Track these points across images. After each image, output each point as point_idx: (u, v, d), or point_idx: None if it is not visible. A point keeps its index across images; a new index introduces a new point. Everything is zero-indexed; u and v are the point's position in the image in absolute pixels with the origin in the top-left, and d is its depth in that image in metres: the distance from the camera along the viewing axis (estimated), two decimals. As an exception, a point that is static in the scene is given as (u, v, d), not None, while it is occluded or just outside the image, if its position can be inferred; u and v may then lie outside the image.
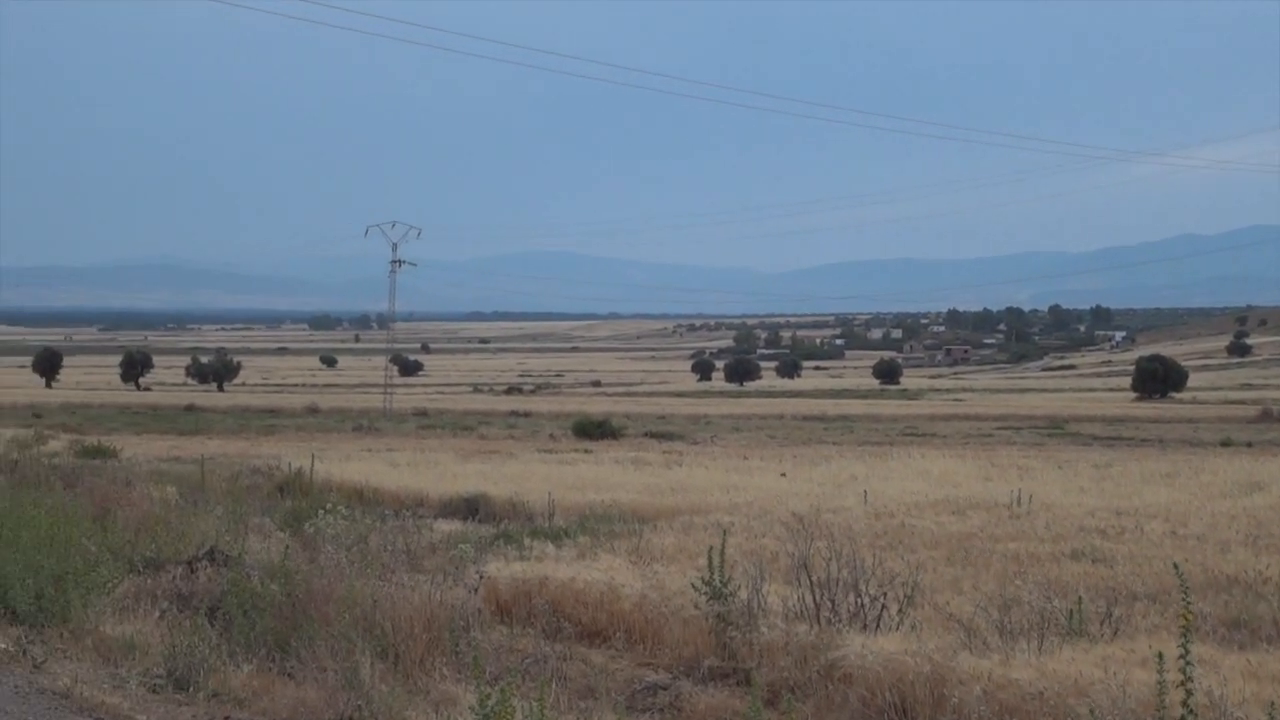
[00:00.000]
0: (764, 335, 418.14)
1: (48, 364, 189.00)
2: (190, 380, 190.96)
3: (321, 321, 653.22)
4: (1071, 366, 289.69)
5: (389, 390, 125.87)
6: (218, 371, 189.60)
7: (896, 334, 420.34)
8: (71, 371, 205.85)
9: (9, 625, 14.59)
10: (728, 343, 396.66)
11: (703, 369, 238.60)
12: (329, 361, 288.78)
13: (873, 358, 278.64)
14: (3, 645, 13.55)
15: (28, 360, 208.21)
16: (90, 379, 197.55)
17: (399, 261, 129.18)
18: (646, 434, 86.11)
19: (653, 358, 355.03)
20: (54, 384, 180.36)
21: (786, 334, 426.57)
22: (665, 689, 15.06)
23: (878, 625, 16.46)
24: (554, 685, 13.11)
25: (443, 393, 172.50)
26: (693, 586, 17.09)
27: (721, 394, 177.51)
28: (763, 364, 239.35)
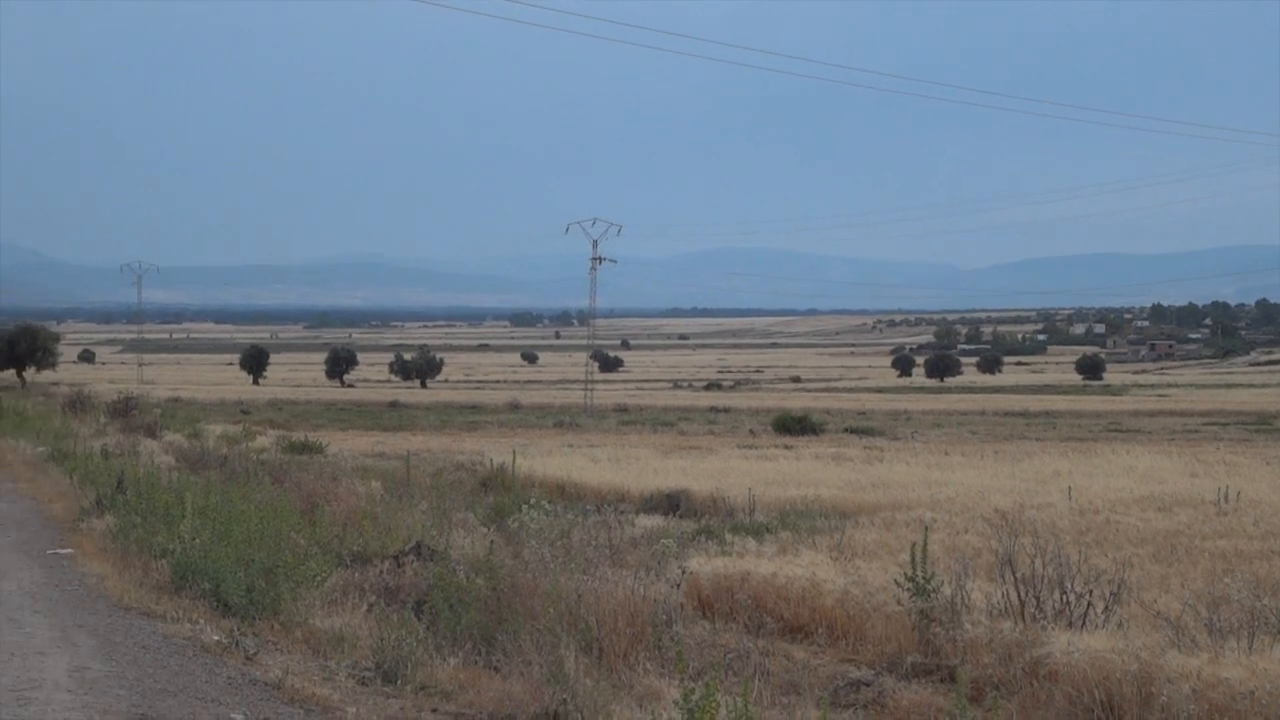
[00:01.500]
0: (964, 331, 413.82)
1: (255, 361, 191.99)
2: (394, 377, 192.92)
3: (523, 318, 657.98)
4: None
5: (590, 386, 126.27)
6: (421, 368, 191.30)
7: (1099, 329, 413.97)
8: (278, 368, 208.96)
9: (221, 618, 14.87)
10: (928, 338, 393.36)
11: (903, 365, 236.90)
12: (530, 358, 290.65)
13: (1075, 353, 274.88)
14: (216, 637, 13.81)
15: (236, 358, 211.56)
16: (296, 376, 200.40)
17: (600, 258, 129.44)
18: (847, 430, 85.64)
19: (852, 353, 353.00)
20: (261, 381, 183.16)
21: (987, 329, 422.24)
22: (868, 685, 15.01)
23: (1083, 623, 16.28)
24: (757, 680, 13.12)
25: (642, 389, 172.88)
26: (895, 583, 17.02)
27: (922, 390, 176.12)
28: (963, 359, 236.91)
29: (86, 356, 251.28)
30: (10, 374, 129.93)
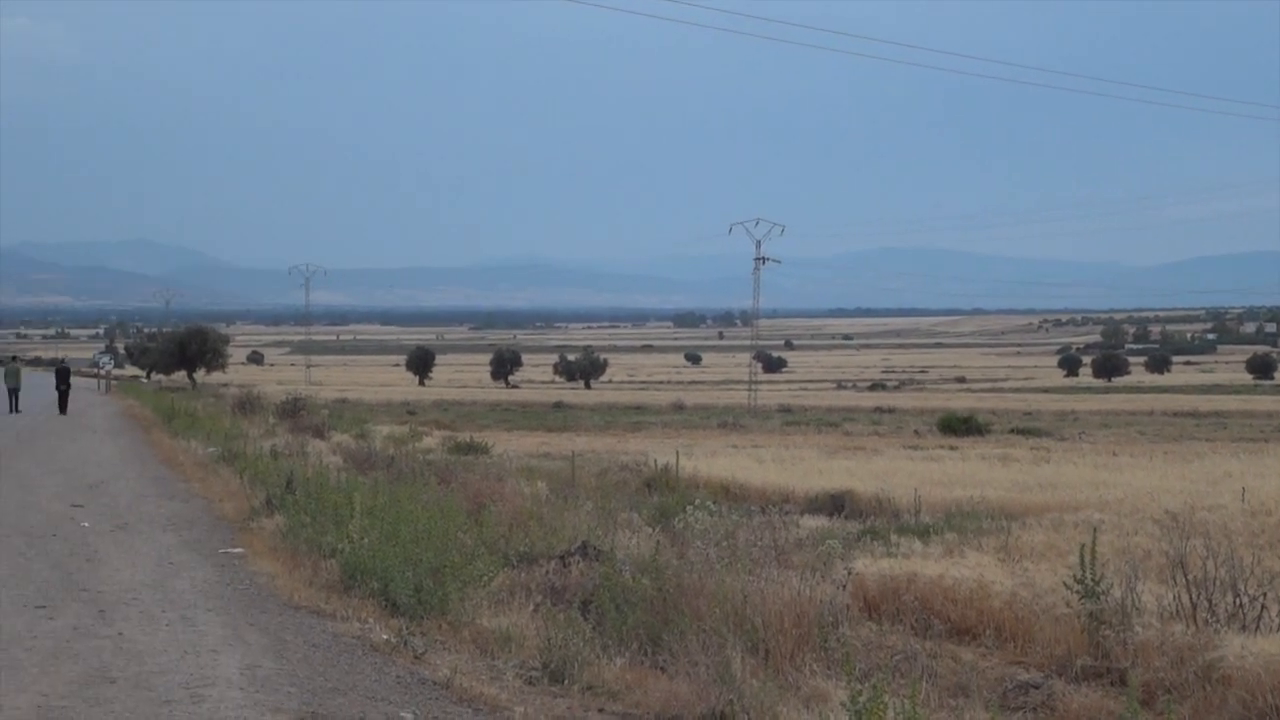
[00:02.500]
0: (1132, 330, 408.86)
1: (421, 362, 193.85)
2: (558, 377, 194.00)
3: (686, 319, 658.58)
4: None
5: (753, 387, 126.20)
6: (585, 369, 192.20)
7: (1270, 328, 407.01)
8: (443, 370, 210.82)
9: (390, 617, 14.99)
10: (1094, 338, 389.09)
11: (1070, 364, 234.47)
12: (693, 358, 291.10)
13: (1245, 352, 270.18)
14: (385, 636, 13.93)
15: (402, 359, 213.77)
16: (461, 377, 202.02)
17: (763, 259, 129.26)
18: (1013, 430, 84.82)
19: (1018, 353, 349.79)
20: (427, 382, 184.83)
21: (1155, 329, 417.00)
22: (1037, 688, 14.87)
23: (1257, 626, 16.04)
24: (924, 682, 13.03)
25: (806, 389, 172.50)
26: (1064, 584, 16.85)
27: (1089, 390, 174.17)
28: (1131, 359, 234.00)
29: (255, 358, 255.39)
30: (181, 375, 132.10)
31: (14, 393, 62.77)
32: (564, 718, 11.41)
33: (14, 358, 78.03)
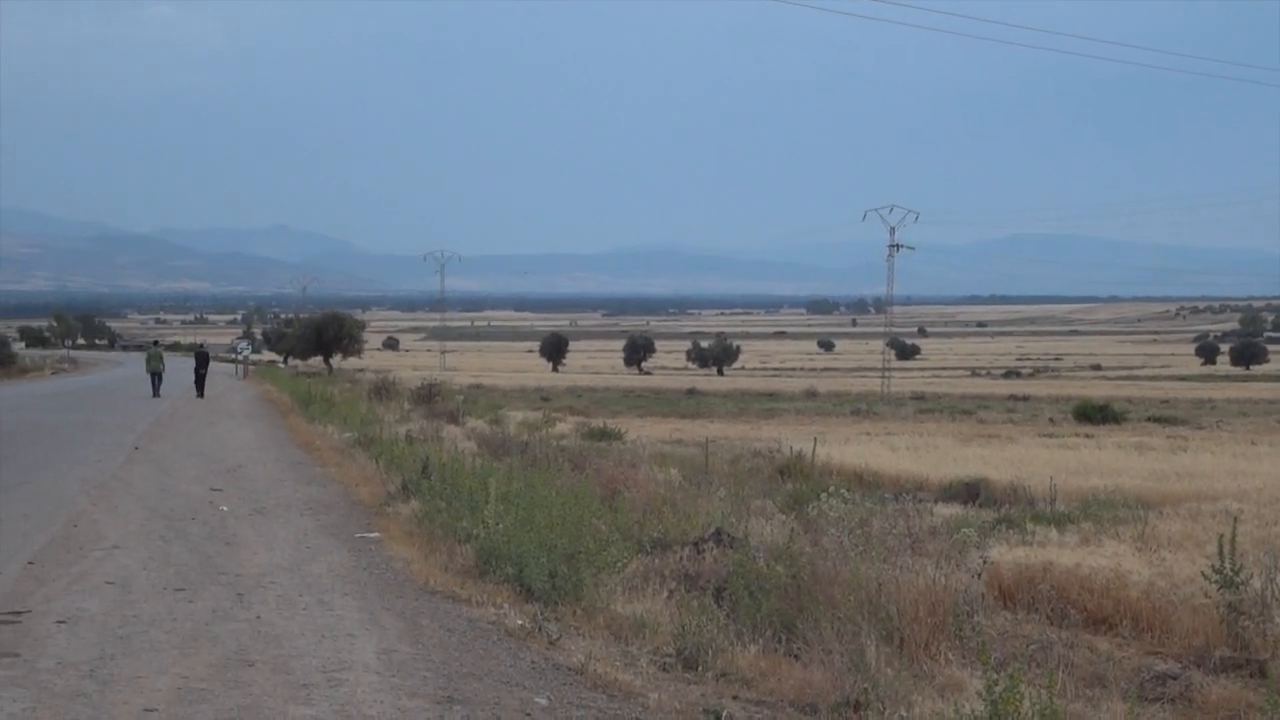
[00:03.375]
0: (1271, 318, 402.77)
1: (554, 348, 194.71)
2: (691, 364, 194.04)
3: (819, 305, 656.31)
4: None
5: (887, 374, 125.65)
6: (717, 355, 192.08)
7: None
8: (577, 355, 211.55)
9: (524, 602, 15.04)
10: (1233, 325, 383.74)
11: (1207, 352, 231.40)
12: (826, 345, 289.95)
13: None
14: (520, 622, 13.99)
15: (535, 345, 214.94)
16: (594, 363, 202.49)
17: (897, 245, 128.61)
18: (1149, 418, 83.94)
19: (1154, 341, 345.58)
20: (560, 368, 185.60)
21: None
22: (1175, 678, 14.70)
23: (1403, 620, 15.78)
24: (1061, 672, 12.92)
25: (940, 376, 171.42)
26: (1202, 575, 16.65)
27: (1227, 378, 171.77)
28: (1270, 347, 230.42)
29: (391, 344, 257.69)
30: (317, 360, 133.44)
31: (156, 376, 63.78)
32: (698, 705, 11.38)
33: (156, 343, 79.13)
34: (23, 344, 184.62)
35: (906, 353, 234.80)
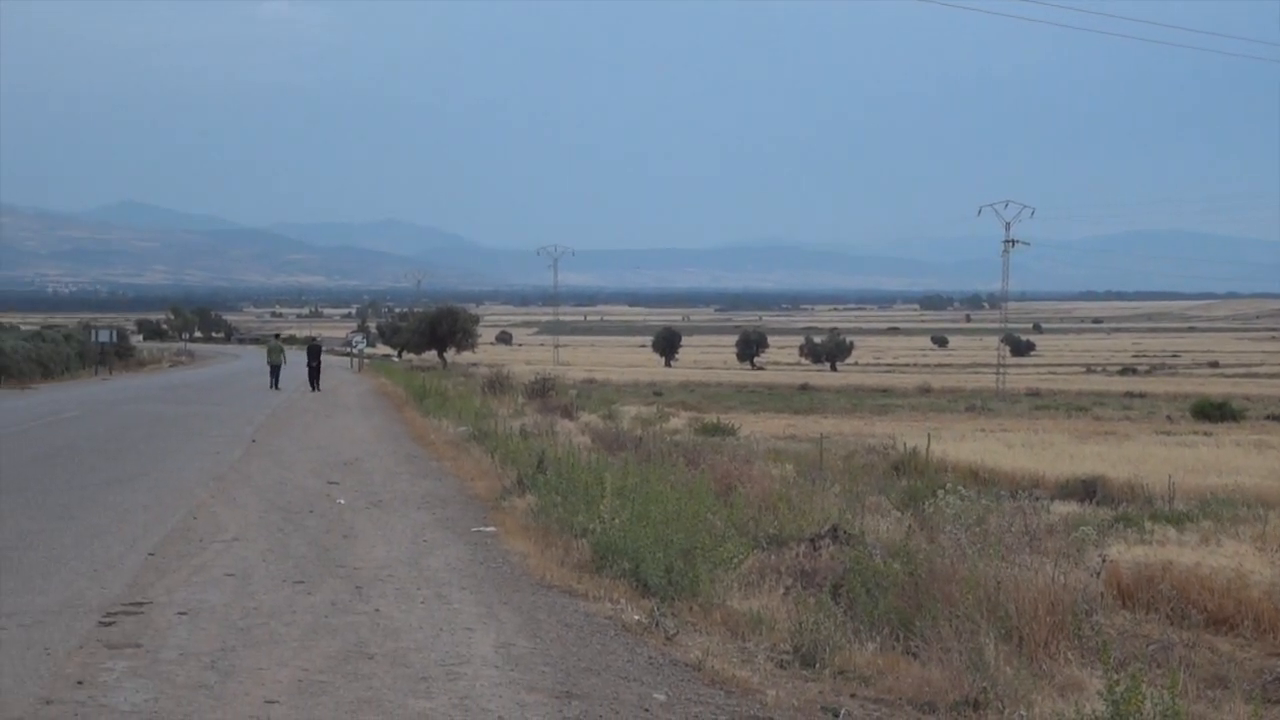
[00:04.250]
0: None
1: (667, 343, 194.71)
2: (804, 359, 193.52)
3: (932, 301, 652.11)
4: None
5: (1001, 370, 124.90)
6: (831, 351, 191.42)
7: None
8: (690, 350, 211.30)
9: (641, 598, 15.05)
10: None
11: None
12: (940, 341, 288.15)
13: None
14: (636, 617, 13.99)
15: (648, 340, 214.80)
16: (707, 358, 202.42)
17: (1012, 241, 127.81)
18: (1269, 416, 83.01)
19: (1273, 338, 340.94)
20: (673, 363, 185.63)
21: None
22: (1299, 681, 14.54)
23: None
24: (1182, 673, 12.79)
25: (1055, 373, 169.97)
26: (1326, 575, 16.47)
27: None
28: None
29: (504, 338, 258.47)
30: (431, 354, 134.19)
31: (276, 370, 64.45)
32: (816, 702, 11.35)
33: (277, 336, 79.99)
34: (141, 337, 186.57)
35: (1021, 349, 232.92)
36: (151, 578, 15.28)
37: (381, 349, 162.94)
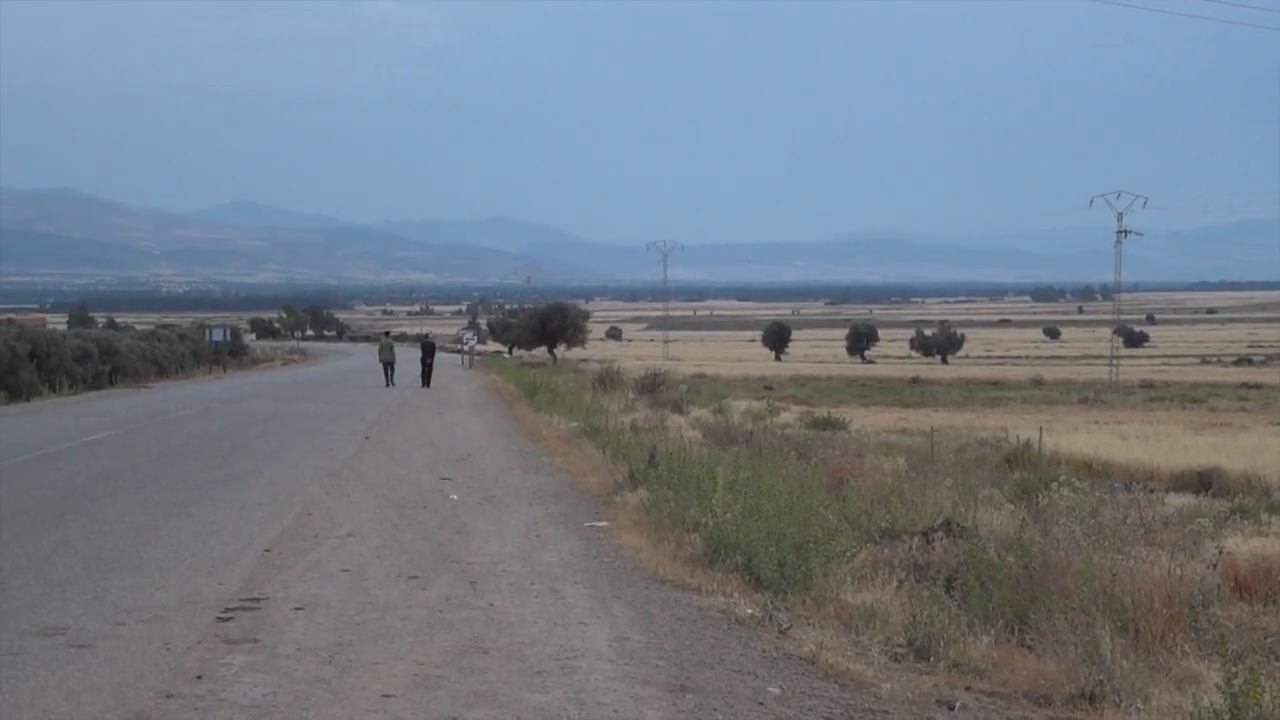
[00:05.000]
0: None
1: (777, 337, 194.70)
2: (914, 353, 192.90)
3: (1044, 293, 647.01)
4: None
5: (1114, 362, 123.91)
6: (942, 344, 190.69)
7: None
8: (799, 344, 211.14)
9: (753, 591, 15.04)
10: None
11: None
12: (1052, 333, 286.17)
13: None
14: (749, 611, 14.00)
15: (758, 334, 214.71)
16: (817, 352, 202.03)
17: (1124, 232, 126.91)
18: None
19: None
20: (783, 357, 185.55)
21: None
22: None
23: None
24: (1302, 666, 12.68)
25: (1169, 364, 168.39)
26: None
27: None
28: None
29: (614, 333, 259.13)
30: (542, 351, 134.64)
31: (389, 367, 65.10)
32: (931, 695, 11.32)
33: (387, 333, 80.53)
34: (254, 335, 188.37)
35: (1134, 340, 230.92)
36: (268, 573, 15.44)
37: (492, 346, 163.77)
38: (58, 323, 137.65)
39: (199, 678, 10.89)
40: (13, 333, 54.56)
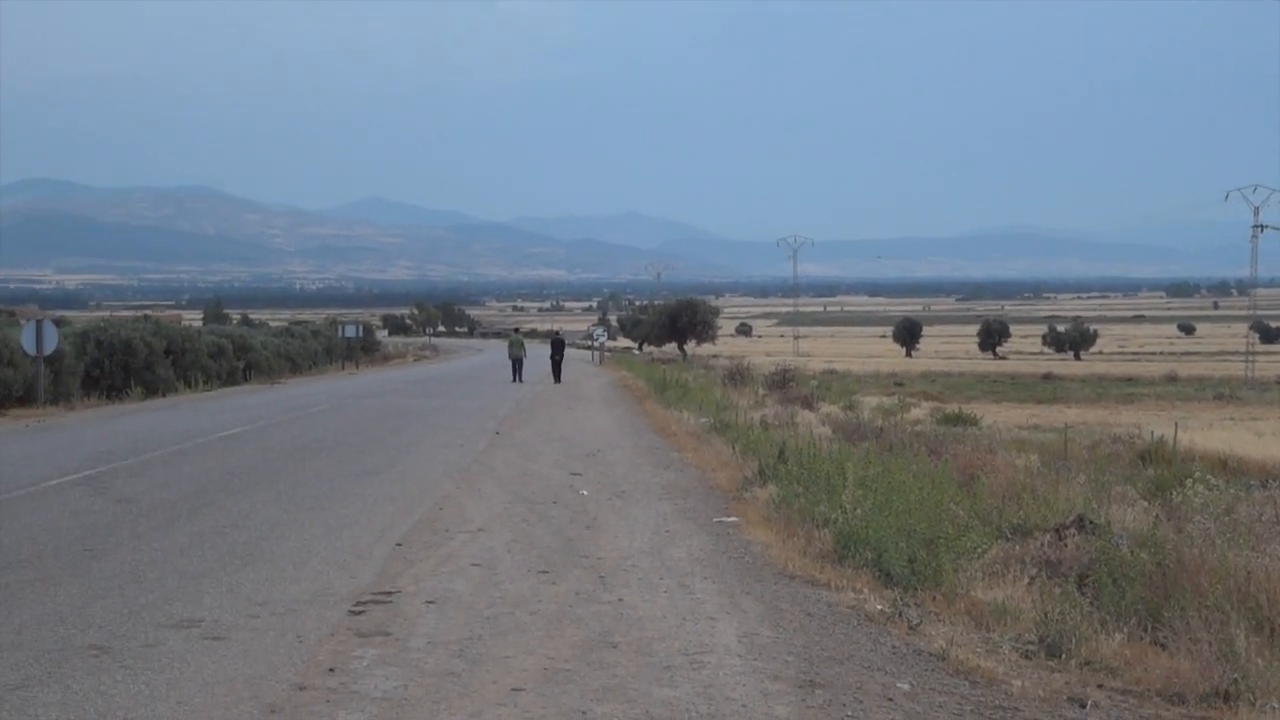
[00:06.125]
0: None
1: (907, 333, 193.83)
2: (1047, 349, 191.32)
3: (1179, 289, 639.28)
4: None
5: (1250, 358, 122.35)
6: (1074, 340, 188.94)
7: None
8: (930, 340, 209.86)
9: (883, 587, 14.98)
10: None
11: None
12: (1187, 329, 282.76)
13: None
14: (879, 607, 13.95)
15: (888, 330, 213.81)
16: (948, 348, 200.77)
17: (1261, 226, 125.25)
18: None
19: None
20: (914, 353, 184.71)
21: None
22: None
23: None
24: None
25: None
26: None
27: None
28: None
29: (744, 329, 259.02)
30: (671, 347, 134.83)
31: (518, 362, 65.46)
32: (1062, 693, 11.24)
33: (517, 330, 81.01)
34: (386, 332, 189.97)
35: (1271, 336, 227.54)
36: (399, 568, 15.58)
37: (622, 342, 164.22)
38: (193, 319, 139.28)
39: (331, 670, 11.02)
40: (149, 329, 55.25)
